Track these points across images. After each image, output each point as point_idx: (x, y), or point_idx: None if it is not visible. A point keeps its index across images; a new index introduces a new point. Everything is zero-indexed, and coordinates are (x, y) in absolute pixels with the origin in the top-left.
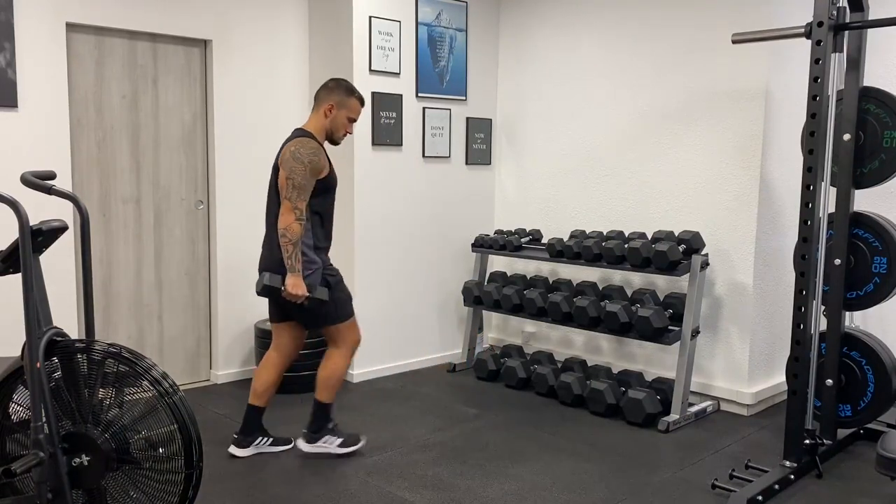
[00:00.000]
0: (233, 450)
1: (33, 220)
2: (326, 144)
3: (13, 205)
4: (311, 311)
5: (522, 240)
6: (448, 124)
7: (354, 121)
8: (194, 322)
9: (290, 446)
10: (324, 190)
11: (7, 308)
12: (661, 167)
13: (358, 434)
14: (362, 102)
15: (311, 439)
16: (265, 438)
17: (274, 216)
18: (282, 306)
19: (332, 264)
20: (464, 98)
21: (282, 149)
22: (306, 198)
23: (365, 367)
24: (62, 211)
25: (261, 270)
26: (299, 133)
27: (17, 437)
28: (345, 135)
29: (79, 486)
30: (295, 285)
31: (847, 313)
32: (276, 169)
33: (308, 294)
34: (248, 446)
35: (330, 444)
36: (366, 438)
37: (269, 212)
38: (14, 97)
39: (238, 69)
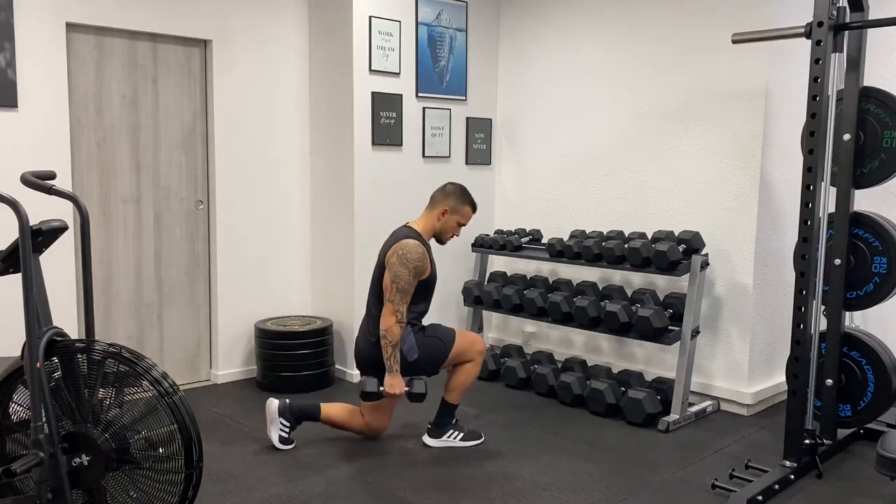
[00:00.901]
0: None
1: (33, 220)
2: (432, 242)
3: (13, 205)
4: (426, 364)
5: (522, 240)
6: (448, 124)
7: (463, 225)
8: (194, 322)
9: (291, 446)
10: (423, 289)
11: (7, 308)
12: (661, 167)
13: (479, 431)
14: (474, 210)
15: (435, 434)
16: (288, 425)
17: (375, 313)
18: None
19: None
20: (464, 98)
21: (389, 244)
22: (408, 300)
23: None
24: (62, 211)
25: (357, 361)
26: (408, 233)
27: (17, 437)
28: (452, 237)
29: (79, 486)
30: (392, 385)
31: (847, 313)
32: (381, 266)
33: (407, 389)
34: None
35: (455, 439)
36: (483, 438)
37: (370, 304)
38: (14, 97)
39: (238, 69)
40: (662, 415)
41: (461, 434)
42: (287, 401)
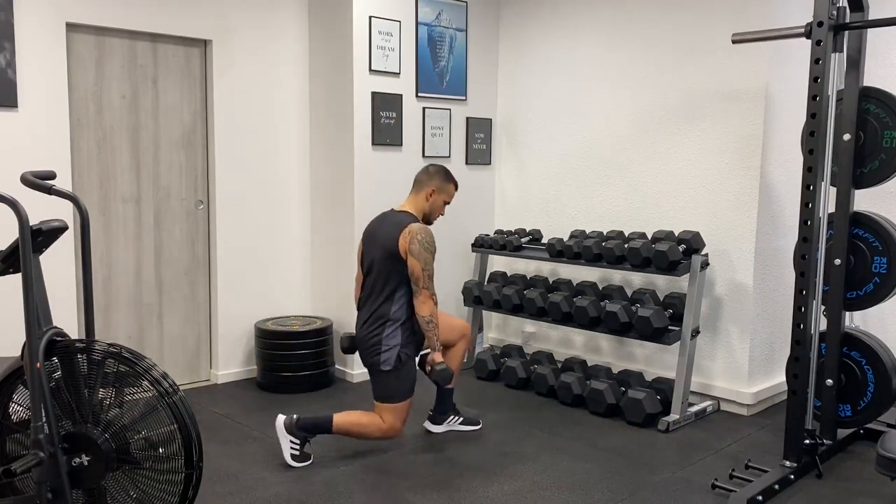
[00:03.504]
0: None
1: (33, 220)
2: None
3: (13, 205)
4: (382, 384)
5: (522, 240)
6: (448, 124)
7: (448, 203)
8: (194, 322)
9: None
10: None
11: (7, 308)
12: (661, 167)
13: (311, 455)
14: (457, 187)
15: (290, 430)
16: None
17: (382, 294)
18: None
19: (415, 336)
20: (464, 98)
21: (389, 228)
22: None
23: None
24: (62, 211)
25: (362, 352)
26: (411, 218)
27: (17, 437)
28: (438, 216)
29: (79, 486)
30: (440, 360)
31: (847, 313)
32: (386, 250)
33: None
34: (442, 423)
35: (289, 447)
36: (311, 460)
37: (376, 285)
38: (14, 97)
39: (238, 69)
40: (662, 415)
41: (297, 452)
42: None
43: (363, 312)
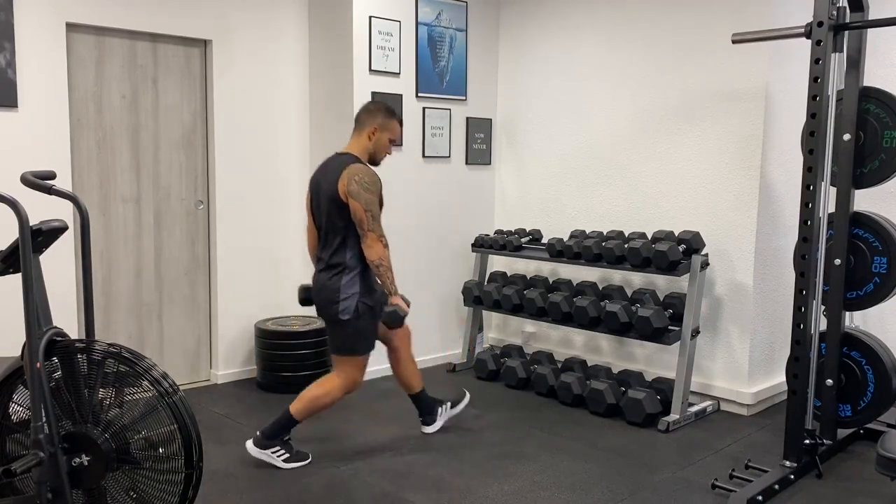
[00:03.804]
0: (425, 429)
1: (33, 220)
2: None
3: (13, 205)
4: (341, 336)
5: (522, 240)
6: (448, 124)
7: (394, 142)
8: (194, 322)
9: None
10: None
11: (7, 308)
12: (660, 167)
13: (307, 453)
14: (401, 123)
15: (261, 444)
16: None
17: (334, 243)
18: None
19: (376, 287)
20: (464, 98)
21: (329, 174)
22: (380, 221)
23: None
24: (62, 211)
25: (318, 305)
26: (352, 160)
27: (17, 437)
28: (385, 156)
29: (79, 486)
30: (401, 306)
31: (847, 313)
32: (328, 196)
33: (408, 302)
34: (436, 421)
35: (277, 456)
36: (310, 459)
37: (328, 239)
38: (14, 97)
39: (238, 69)
40: (662, 415)
41: (287, 455)
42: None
43: (319, 263)
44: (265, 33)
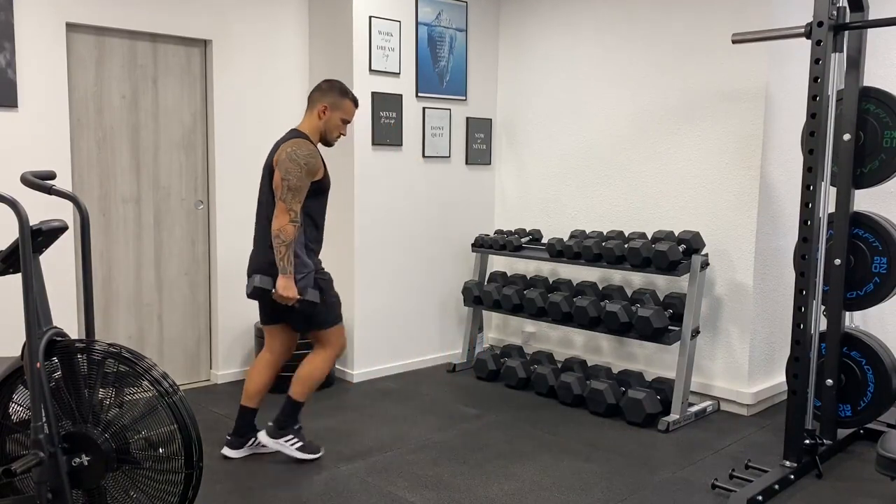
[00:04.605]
0: (226, 451)
1: (33, 220)
2: (320, 147)
3: (13, 205)
4: (302, 314)
5: (522, 240)
6: (448, 124)
7: (348, 122)
8: (194, 322)
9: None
10: (317, 192)
11: (7, 308)
12: (661, 167)
13: (319, 445)
14: (356, 104)
15: (274, 434)
16: (258, 440)
17: (266, 217)
18: (273, 308)
19: (323, 267)
20: (464, 98)
21: (275, 148)
22: (301, 199)
23: (365, 366)
24: (62, 211)
25: (251, 272)
26: (294, 134)
27: (17, 437)
28: (338, 136)
29: (79, 486)
30: (286, 287)
31: (847, 313)
32: (268, 169)
33: (299, 297)
34: (241, 447)
35: (290, 445)
36: (324, 451)
37: (260, 212)
38: (14, 97)
39: (238, 69)
40: (662, 415)
41: (300, 443)
42: (269, 423)
43: (254, 251)
44: (265, 33)
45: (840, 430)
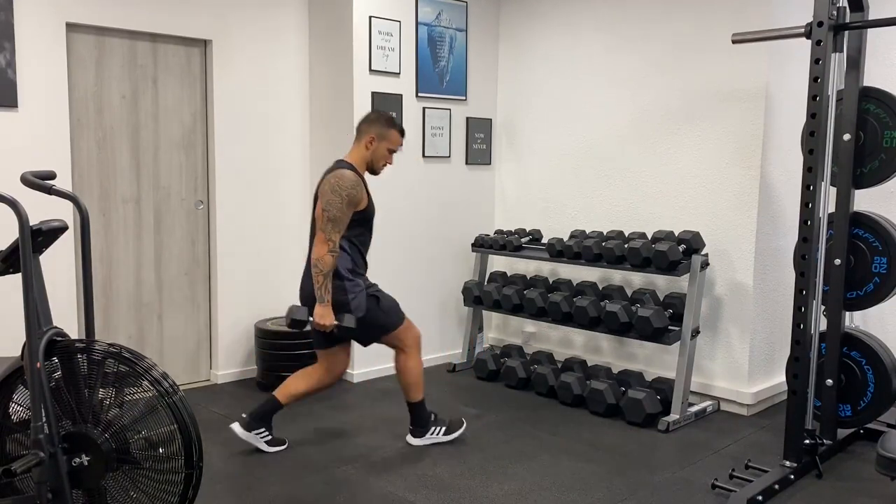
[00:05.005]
0: (236, 427)
1: (33, 220)
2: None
3: (13, 205)
4: (365, 329)
5: (522, 240)
6: (448, 124)
7: (394, 152)
8: (194, 322)
9: (284, 447)
10: (361, 221)
11: (7, 308)
12: (661, 167)
13: (460, 418)
14: (402, 134)
15: (419, 434)
16: (266, 432)
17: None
18: (327, 334)
19: (372, 283)
20: (464, 98)
21: (322, 179)
22: (341, 230)
23: (365, 366)
24: (62, 211)
25: (302, 301)
26: (340, 165)
27: (17, 437)
28: (384, 165)
29: (79, 486)
30: (323, 315)
31: (847, 313)
32: (315, 198)
33: (336, 323)
34: (251, 431)
35: (437, 435)
36: (465, 425)
37: (311, 239)
38: (14, 97)
39: (238, 69)
40: (662, 415)
41: (443, 428)
42: (243, 415)
43: (306, 268)
44: (265, 33)
45: (840, 430)
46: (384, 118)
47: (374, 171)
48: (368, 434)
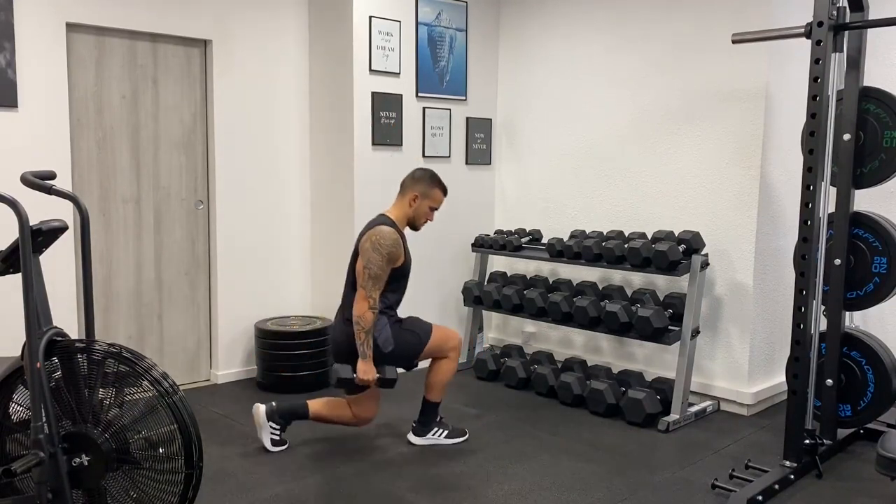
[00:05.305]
0: (259, 407)
1: (33, 220)
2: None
3: (13, 205)
4: (401, 357)
5: (522, 240)
6: (448, 124)
7: (436, 209)
8: (194, 322)
9: (284, 447)
10: (398, 277)
11: (7, 308)
12: (661, 167)
13: (463, 428)
14: (445, 192)
15: (421, 432)
16: (279, 429)
17: (348, 291)
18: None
19: (394, 313)
20: (464, 98)
21: (363, 233)
22: (381, 287)
23: None
24: (62, 211)
25: (334, 353)
26: (382, 220)
27: (17, 437)
28: (425, 222)
29: (79, 486)
30: (366, 371)
31: (847, 313)
32: (355, 253)
33: (379, 376)
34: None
35: (438, 436)
36: (467, 435)
37: (346, 284)
38: (14, 97)
39: (238, 69)
40: (662, 415)
41: (445, 431)
42: (273, 404)
43: (345, 324)
44: (265, 33)
45: (840, 430)
46: (429, 176)
47: (415, 228)
48: (368, 434)
